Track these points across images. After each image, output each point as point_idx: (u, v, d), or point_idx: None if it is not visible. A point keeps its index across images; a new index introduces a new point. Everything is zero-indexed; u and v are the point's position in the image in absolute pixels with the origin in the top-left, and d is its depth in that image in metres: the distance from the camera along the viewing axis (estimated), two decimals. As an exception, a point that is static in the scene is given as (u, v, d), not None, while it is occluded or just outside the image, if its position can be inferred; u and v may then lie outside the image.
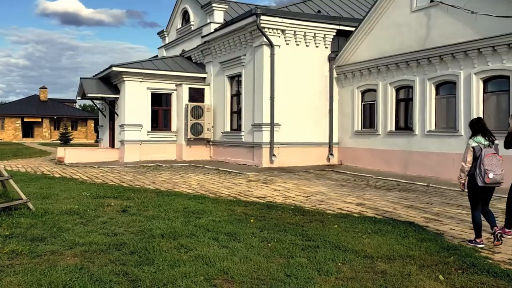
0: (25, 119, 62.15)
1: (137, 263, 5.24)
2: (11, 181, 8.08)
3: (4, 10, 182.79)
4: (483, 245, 6.31)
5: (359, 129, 17.61)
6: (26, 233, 6.45)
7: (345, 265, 5.41)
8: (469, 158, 6.45)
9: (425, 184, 12.59)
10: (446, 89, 14.44)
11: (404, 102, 16.02)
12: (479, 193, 6.51)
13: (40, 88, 67.68)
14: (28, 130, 63.45)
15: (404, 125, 15.98)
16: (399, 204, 9.69)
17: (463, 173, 6.54)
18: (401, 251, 5.95)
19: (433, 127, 14.61)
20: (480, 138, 6.47)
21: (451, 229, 7.39)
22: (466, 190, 6.65)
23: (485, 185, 6.32)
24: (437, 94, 14.66)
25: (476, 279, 4.99)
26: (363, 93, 17.58)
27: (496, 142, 6.49)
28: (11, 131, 61.34)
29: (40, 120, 62.83)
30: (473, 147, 6.44)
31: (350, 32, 17.67)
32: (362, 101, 17.63)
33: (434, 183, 12.64)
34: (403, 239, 6.59)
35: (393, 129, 16.10)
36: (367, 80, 17.12)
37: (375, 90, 16.80)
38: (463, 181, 6.60)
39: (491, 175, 6.24)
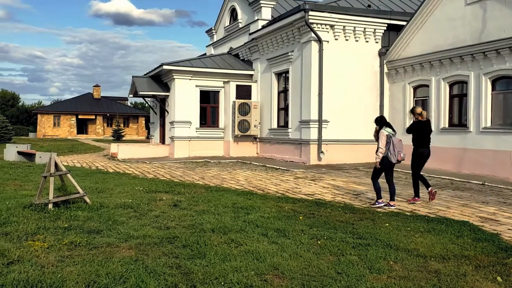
0: (80, 116, 64.64)
1: (189, 256, 5.35)
2: (68, 175, 8.41)
3: (59, 12, 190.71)
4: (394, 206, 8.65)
5: (410, 125, 17.15)
6: (84, 226, 6.71)
7: (397, 263, 5.31)
8: (385, 142, 8.66)
9: (480, 183, 12.13)
10: (503, 84, 13.84)
11: (458, 98, 15.48)
12: (390, 168, 8.87)
13: (94, 86, 70.18)
14: (82, 127, 65.99)
15: (458, 121, 15.44)
16: (453, 203, 9.39)
17: (381, 154, 8.69)
18: (455, 251, 5.78)
19: (489, 124, 14.04)
20: (389, 129, 8.77)
21: (509, 229, 7.09)
22: (379, 167, 8.82)
23: (396, 162, 8.74)
24: (493, 89, 14.07)
25: (537, 282, 4.77)
26: (415, 88, 17.12)
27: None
28: (67, 127, 63.96)
29: (93, 117, 65.17)
30: (387, 135, 8.66)
31: (401, 27, 17.25)
32: (414, 97, 17.17)
33: (489, 182, 12.16)
34: (458, 238, 6.40)
35: (447, 125, 15.59)
36: (419, 76, 16.66)
37: (427, 86, 16.33)
38: (379, 161, 8.76)
39: (402, 155, 8.77)
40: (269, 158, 19.58)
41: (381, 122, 8.91)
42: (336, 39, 17.28)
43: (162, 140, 23.71)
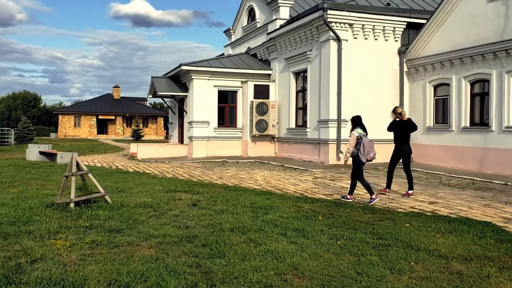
0: (100, 117, 65.43)
1: (209, 255, 5.37)
2: (90, 175, 8.52)
3: (79, 14, 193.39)
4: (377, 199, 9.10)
5: (431, 125, 16.96)
6: (104, 225, 6.79)
7: (418, 264, 5.25)
8: (353, 143, 9.12)
9: (503, 183, 11.91)
10: (527, 82, 13.57)
11: (480, 96, 15.23)
12: (360, 167, 9.25)
13: (113, 87, 70.95)
14: (102, 127, 66.80)
15: (480, 120, 15.19)
16: (475, 203, 9.24)
17: (349, 154, 9.22)
18: (478, 252, 5.69)
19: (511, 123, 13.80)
20: (360, 130, 9.21)
21: (534, 230, 6.94)
22: (345, 164, 9.62)
23: (366, 161, 9.11)
24: (516, 87, 13.82)
25: None
26: (435, 87, 16.90)
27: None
28: (87, 128, 64.82)
29: (113, 117, 65.91)
30: (357, 136, 9.14)
31: (421, 25, 17.05)
32: (434, 96, 16.96)
33: (513, 182, 11.94)
34: (480, 239, 6.29)
35: (468, 124, 15.36)
36: (439, 74, 16.44)
37: (448, 84, 16.11)
38: (346, 159, 9.39)
39: (371, 155, 9.09)
40: (287, 158, 19.54)
41: (354, 122, 9.45)
42: (355, 38, 17.16)
43: (181, 140, 23.85)
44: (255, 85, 21.10)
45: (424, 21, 16.98)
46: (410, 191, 10.04)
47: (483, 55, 14.44)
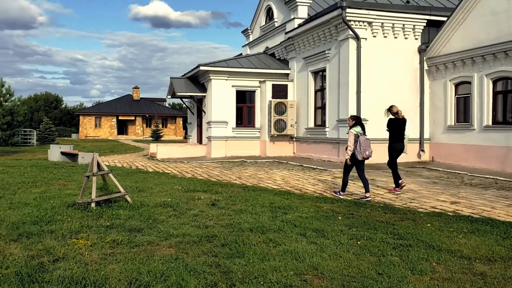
0: (120, 118, 66.20)
1: (228, 255, 5.38)
2: (110, 175, 8.61)
3: (100, 16, 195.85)
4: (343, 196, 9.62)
5: (453, 123, 16.71)
6: (125, 224, 6.85)
7: (440, 265, 5.17)
8: (353, 141, 9.44)
9: (527, 183, 11.66)
10: (552, 79, 13.27)
11: (502, 94, 14.95)
12: (359, 164, 9.57)
13: (133, 88, 71.73)
14: (122, 128, 67.57)
15: (503, 119, 14.91)
16: (498, 203, 9.06)
17: (350, 151, 9.45)
18: (502, 253, 5.58)
19: (536, 121, 13.50)
20: (358, 128, 9.61)
21: (560, 231, 6.77)
22: (350, 163, 9.57)
23: (363, 159, 9.44)
24: (541, 85, 13.52)
25: None
26: (456, 85, 16.65)
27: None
28: (107, 128, 65.63)
29: (133, 118, 66.61)
30: (355, 134, 9.48)
31: (442, 22, 16.82)
32: (455, 94, 16.70)
33: (537, 182, 11.68)
34: (504, 240, 6.17)
35: (490, 123, 15.08)
36: (460, 72, 16.19)
37: (469, 83, 15.85)
38: (348, 157, 9.51)
39: (367, 152, 9.41)
40: (306, 158, 19.47)
41: (354, 121, 9.83)
42: (374, 36, 17.00)
43: (199, 140, 23.96)
44: (273, 85, 21.07)
45: (444, 19, 16.74)
46: (397, 188, 10.45)
47: (506, 52, 14.17)
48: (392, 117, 10.52)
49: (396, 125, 10.48)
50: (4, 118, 26.48)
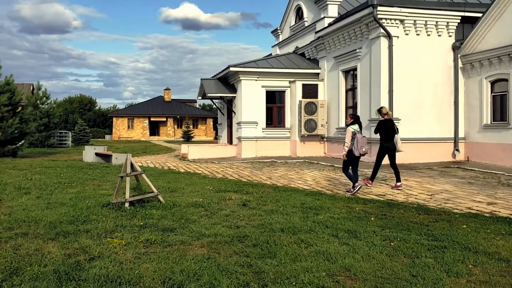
0: (152, 119, 67.15)
1: (260, 255, 5.38)
2: (143, 175, 8.74)
3: (132, 19, 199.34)
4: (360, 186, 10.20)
5: (489, 122, 16.26)
6: (158, 224, 6.94)
7: (477, 267, 5.04)
8: (350, 138, 9.98)
9: None
10: None
11: (542, 91, 14.45)
12: (355, 160, 10.20)
13: (164, 89, 72.63)
14: (154, 129, 68.53)
15: (542, 117, 14.42)
16: (538, 204, 8.76)
17: (347, 148, 10.03)
18: (543, 256, 5.39)
19: None
20: (356, 126, 10.17)
21: None
22: (346, 159, 10.14)
23: (359, 155, 9.98)
24: None
25: None
26: (492, 83, 16.19)
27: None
28: (140, 130, 66.68)
29: (165, 119, 67.46)
30: (352, 131, 10.01)
31: (477, 19, 16.39)
32: (491, 92, 16.25)
33: None
34: (545, 243, 5.95)
35: (528, 121, 14.61)
36: (497, 69, 15.73)
37: (506, 80, 15.38)
38: (345, 153, 10.09)
39: (364, 149, 9.94)
40: (337, 158, 19.27)
41: (353, 119, 10.37)
42: (407, 34, 16.71)
43: (230, 141, 24.08)
44: (303, 85, 20.98)
45: (479, 15, 16.31)
46: (399, 183, 10.94)
47: (545, 48, 13.70)
48: (382, 118, 10.98)
49: (387, 126, 10.91)
50: (41, 120, 27.30)
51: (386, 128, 10.91)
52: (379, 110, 11.22)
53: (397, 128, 11.11)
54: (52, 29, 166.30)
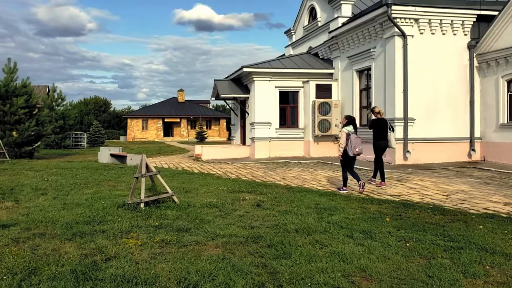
0: (166, 120, 67.58)
1: (275, 256, 5.38)
2: (158, 176, 8.80)
3: (146, 21, 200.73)
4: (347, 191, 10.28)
5: (505, 121, 16.06)
6: (173, 224, 6.98)
7: (494, 268, 4.98)
8: (344, 139, 10.29)
9: None
10: None
11: (560, 90, 14.23)
12: (350, 160, 10.42)
13: (178, 91, 73.07)
14: (168, 130, 68.94)
15: (560, 116, 14.19)
16: (557, 204, 8.62)
17: (342, 148, 10.35)
18: (562, 257, 5.30)
19: None
20: (350, 127, 10.44)
21: None
22: (341, 159, 10.44)
23: (353, 155, 10.25)
24: None
25: None
26: (509, 82, 15.99)
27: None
28: (154, 130, 67.13)
29: (178, 120, 67.85)
30: (346, 133, 10.31)
31: (492, 17, 16.20)
32: (508, 91, 16.04)
33: None
34: None
35: (546, 121, 14.39)
36: (513, 68, 15.52)
37: (523, 79, 15.18)
38: (340, 153, 10.41)
39: (357, 149, 10.21)
40: (351, 158, 19.17)
41: (347, 120, 10.66)
42: (421, 33, 16.58)
43: (243, 141, 24.11)
44: (317, 85, 20.92)
45: (495, 13, 16.12)
46: (373, 179, 11.72)
47: None
48: (375, 117, 11.51)
49: (380, 124, 11.41)
50: (56, 122, 27.65)
51: (379, 126, 11.42)
52: (372, 110, 11.74)
53: (392, 126, 11.61)
54: (67, 31, 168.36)
